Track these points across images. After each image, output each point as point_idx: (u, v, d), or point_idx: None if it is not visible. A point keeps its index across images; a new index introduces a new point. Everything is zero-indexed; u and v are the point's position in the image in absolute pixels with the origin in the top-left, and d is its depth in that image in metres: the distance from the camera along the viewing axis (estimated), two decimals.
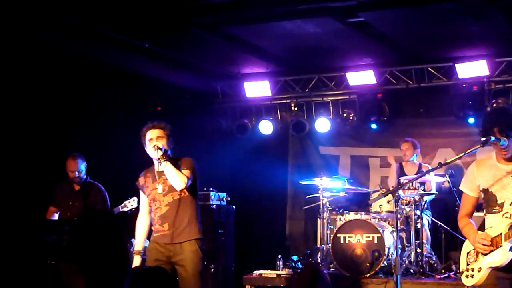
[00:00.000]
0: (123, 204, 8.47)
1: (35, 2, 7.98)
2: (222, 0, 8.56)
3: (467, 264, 5.25)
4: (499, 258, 4.96)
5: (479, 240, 5.07)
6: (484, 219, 5.24)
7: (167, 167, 6.15)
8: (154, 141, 6.27)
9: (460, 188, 5.45)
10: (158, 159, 6.16)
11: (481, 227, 5.23)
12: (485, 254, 5.07)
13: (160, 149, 6.18)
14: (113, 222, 2.28)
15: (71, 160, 8.53)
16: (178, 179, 6.14)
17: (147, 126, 6.40)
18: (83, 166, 8.55)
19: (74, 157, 8.54)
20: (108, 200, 8.69)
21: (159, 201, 6.32)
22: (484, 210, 5.22)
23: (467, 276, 5.22)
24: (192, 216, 6.32)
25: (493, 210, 5.11)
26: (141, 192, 6.56)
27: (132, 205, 8.38)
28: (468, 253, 5.29)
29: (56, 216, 8.46)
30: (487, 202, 5.16)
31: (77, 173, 8.50)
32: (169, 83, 11.50)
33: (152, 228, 6.41)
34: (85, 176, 8.60)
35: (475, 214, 5.39)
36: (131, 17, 8.78)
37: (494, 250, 4.99)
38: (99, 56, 9.75)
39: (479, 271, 5.09)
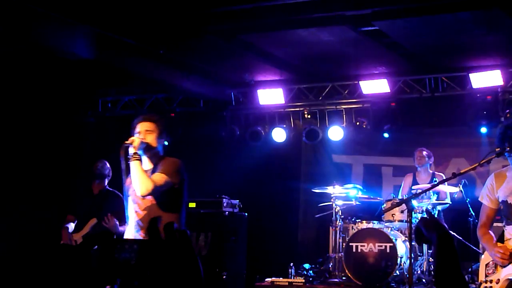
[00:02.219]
0: None
1: (50, 7, 8.03)
2: (237, 8, 8.59)
3: (486, 276, 5.24)
4: None
5: (498, 252, 5.05)
6: (503, 230, 5.23)
7: (133, 167, 5.38)
8: (141, 135, 5.55)
9: (479, 199, 5.44)
10: (128, 157, 5.41)
11: (500, 238, 5.22)
12: (504, 266, 5.05)
13: (133, 146, 5.43)
14: (189, 242, 2.25)
15: (102, 163, 8.44)
16: (140, 183, 5.35)
17: (137, 118, 5.69)
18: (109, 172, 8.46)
19: (103, 161, 8.47)
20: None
21: (137, 204, 5.53)
22: (503, 221, 5.22)
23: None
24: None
25: None
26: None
27: None
28: (487, 265, 5.27)
29: (72, 225, 8.35)
30: (506, 213, 5.15)
31: (106, 179, 8.43)
32: (183, 89, 11.54)
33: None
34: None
35: (494, 224, 5.38)
36: (146, 23, 8.82)
37: None
38: (114, 61, 9.80)
39: (497, 283, 5.08)
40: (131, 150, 5.40)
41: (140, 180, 5.34)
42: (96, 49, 8.94)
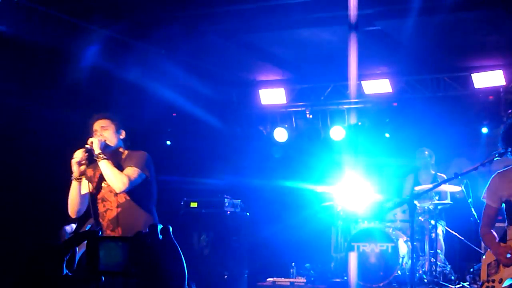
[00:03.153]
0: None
1: (55, 8, 8.04)
2: (239, 8, 8.59)
3: (488, 275, 5.23)
4: None
5: (501, 252, 5.05)
6: (506, 230, 5.23)
7: (103, 166, 5.32)
8: (98, 133, 5.50)
9: (482, 199, 5.44)
10: (95, 156, 5.33)
11: (503, 238, 5.22)
12: (507, 266, 5.05)
13: (92, 147, 5.35)
14: (170, 237, 2.26)
15: None
16: (115, 180, 5.30)
17: (92, 118, 5.63)
18: None
19: None
20: None
21: (109, 201, 5.51)
22: (506, 221, 5.22)
23: (487, 287, 5.20)
24: (149, 218, 5.53)
25: None
26: (83, 182, 5.51)
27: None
28: (489, 264, 5.27)
29: (73, 226, 8.33)
30: (509, 213, 5.15)
31: None
32: (185, 89, 11.53)
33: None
34: None
35: (497, 224, 5.38)
36: (148, 23, 8.83)
37: None
38: (115, 61, 9.80)
39: (500, 282, 5.07)
40: (96, 150, 5.33)
41: (115, 177, 5.31)
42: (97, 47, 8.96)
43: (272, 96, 11.98)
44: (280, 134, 12.24)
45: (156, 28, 8.99)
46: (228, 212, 10.39)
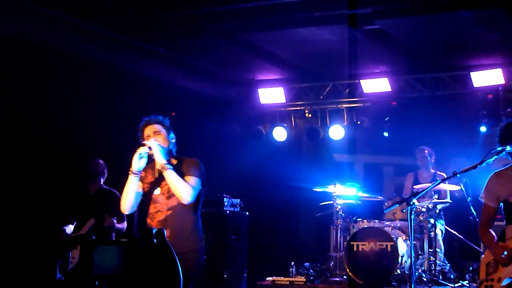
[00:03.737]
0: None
1: (50, 7, 8.02)
2: (238, 7, 8.58)
3: (487, 274, 5.23)
4: None
5: (499, 251, 5.04)
6: (504, 229, 5.23)
7: (169, 176, 5.46)
8: (151, 138, 5.58)
9: (480, 198, 5.44)
10: (161, 167, 5.46)
11: (501, 237, 5.22)
12: (506, 265, 5.05)
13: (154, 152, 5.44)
14: (166, 243, 2.24)
15: (95, 162, 8.38)
16: (183, 191, 5.47)
17: (143, 122, 5.74)
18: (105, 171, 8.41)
19: (97, 160, 8.41)
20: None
21: (160, 203, 5.61)
22: (505, 221, 5.21)
23: (486, 287, 5.19)
24: (195, 223, 5.69)
25: None
26: (135, 180, 5.59)
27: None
28: (488, 264, 5.27)
29: (71, 227, 8.27)
30: (507, 212, 5.14)
31: (102, 178, 8.36)
32: (184, 88, 11.53)
33: None
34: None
35: (495, 223, 5.38)
36: (147, 22, 8.83)
37: None
38: (114, 60, 9.79)
39: (498, 282, 5.07)
40: (160, 160, 5.44)
41: (181, 188, 5.45)
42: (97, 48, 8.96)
43: (271, 95, 11.98)
44: (279, 133, 12.24)
45: (154, 27, 8.98)
46: (228, 212, 10.39)
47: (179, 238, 5.38)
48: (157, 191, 5.63)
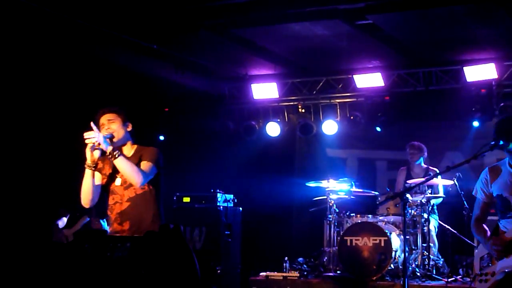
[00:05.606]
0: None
1: (46, 5, 7.99)
2: (230, 2, 8.57)
3: (481, 269, 5.23)
4: None
5: (493, 245, 5.05)
6: (497, 224, 5.23)
7: (120, 163, 5.33)
8: (105, 126, 5.48)
9: (473, 193, 5.43)
10: (109, 154, 5.32)
11: (494, 232, 5.22)
12: (499, 259, 5.05)
13: (110, 139, 5.38)
14: (182, 238, 2.21)
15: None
16: (133, 176, 5.34)
17: (98, 112, 5.59)
18: None
19: None
20: None
21: (119, 195, 5.52)
22: (498, 215, 5.21)
23: (480, 281, 5.19)
24: (157, 213, 5.54)
25: (507, 216, 5.10)
26: (90, 173, 5.49)
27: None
28: (481, 258, 5.27)
29: (64, 220, 8.29)
30: (500, 207, 5.15)
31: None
32: (177, 84, 11.51)
33: (108, 228, 5.66)
34: None
35: (489, 218, 5.38)
36: (140, 18, 8.80)
37: (508, 255, 4.98)
38: (107, 56, 9.77)
39: (492, 276, 5.07)
40: (108, 148, 5.31)
41: (133, 172, 5.33)
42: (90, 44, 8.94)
43: (265, 90, 11.96)
44: (273, 129, 12.23)
45: (147, 23, 8.96)
46: (221, 207, 10.38)
47: (139, 230, 5.31)
48: (117, 182, 5.55)
